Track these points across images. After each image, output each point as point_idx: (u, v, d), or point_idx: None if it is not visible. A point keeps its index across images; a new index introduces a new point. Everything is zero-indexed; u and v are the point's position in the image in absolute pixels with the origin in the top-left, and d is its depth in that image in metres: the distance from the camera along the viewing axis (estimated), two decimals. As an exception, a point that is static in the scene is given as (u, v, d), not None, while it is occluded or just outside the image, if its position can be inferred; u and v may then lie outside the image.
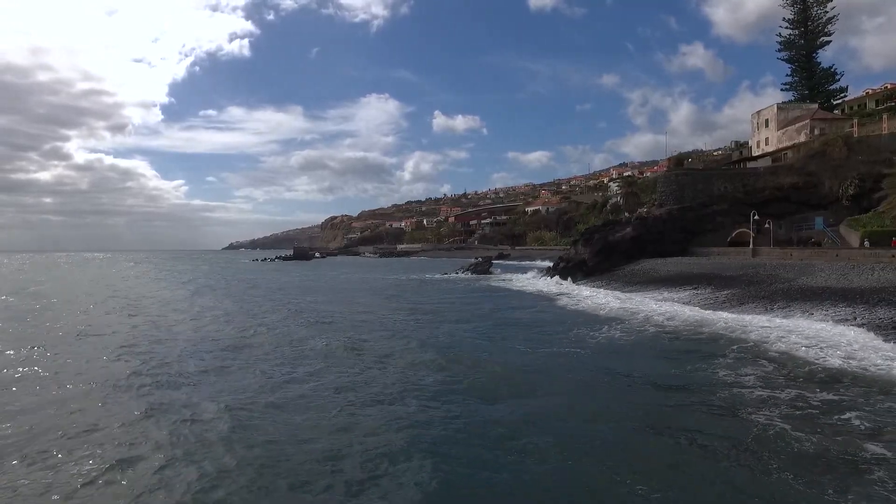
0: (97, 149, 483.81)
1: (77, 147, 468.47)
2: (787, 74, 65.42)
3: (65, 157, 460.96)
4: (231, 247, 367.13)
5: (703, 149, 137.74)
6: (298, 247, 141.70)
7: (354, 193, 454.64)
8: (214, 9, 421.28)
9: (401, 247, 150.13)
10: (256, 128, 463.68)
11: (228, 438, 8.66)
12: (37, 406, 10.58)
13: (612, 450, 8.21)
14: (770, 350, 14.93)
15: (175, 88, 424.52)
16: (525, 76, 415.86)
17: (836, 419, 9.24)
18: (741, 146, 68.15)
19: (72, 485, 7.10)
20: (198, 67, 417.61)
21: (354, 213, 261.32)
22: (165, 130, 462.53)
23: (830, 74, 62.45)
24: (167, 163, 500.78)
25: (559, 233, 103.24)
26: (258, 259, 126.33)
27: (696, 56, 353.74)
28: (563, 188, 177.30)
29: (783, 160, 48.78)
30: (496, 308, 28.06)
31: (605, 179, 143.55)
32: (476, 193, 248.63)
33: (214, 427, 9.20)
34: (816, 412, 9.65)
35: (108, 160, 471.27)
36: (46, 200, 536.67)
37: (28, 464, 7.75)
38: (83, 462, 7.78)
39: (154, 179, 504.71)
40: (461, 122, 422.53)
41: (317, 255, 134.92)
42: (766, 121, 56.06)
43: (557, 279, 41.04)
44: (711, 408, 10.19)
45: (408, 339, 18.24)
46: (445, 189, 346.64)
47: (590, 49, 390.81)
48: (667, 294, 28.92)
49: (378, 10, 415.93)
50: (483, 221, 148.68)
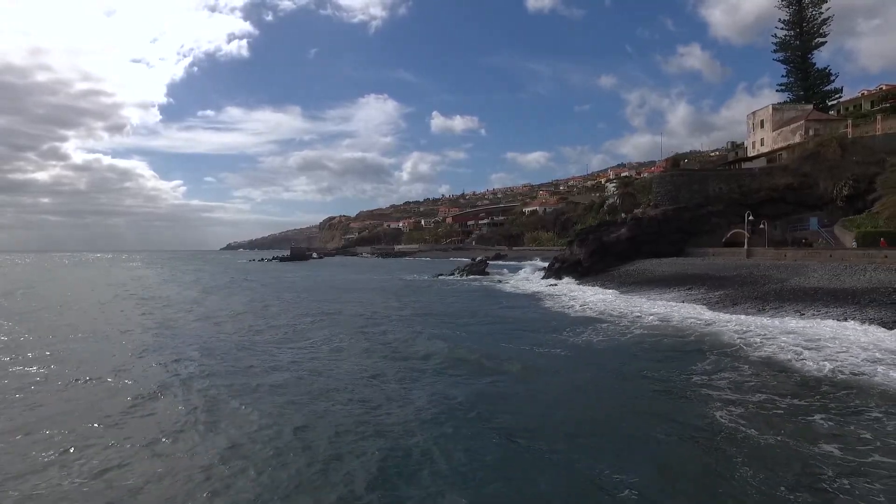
0: (95, 149, 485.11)
1: (75, 147, 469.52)
2: (783, 75, 65.74)
3: (63, 158, 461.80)
4: (229, 247, 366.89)
5: (701, 150, 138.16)
6: (295, 247, 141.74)
7: (353, 194, 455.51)
8: (213, 9, 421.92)
9: (398, 247, 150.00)
10: (255, 128, 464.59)
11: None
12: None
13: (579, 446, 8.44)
14: (753, 353, 14.78)
15: (174, 89, 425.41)
16: (524, 77, 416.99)
17: (802, 419, 9.41)
18: (737, 147, 68.21)
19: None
20: (196, 68, 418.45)
21: (353, 214, 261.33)
22: (164, 131, 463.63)
23: (825, 75, 62.67)
24: (166, 163, 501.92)
25: (556, 233, 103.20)
26: (254, 259, 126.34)
27: (694, 57, 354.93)
28: (562, 189, 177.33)
29: (778, 161, 48.84)
30: (483, 309, 27.91)
31: (603, 180, 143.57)
32: (474, 194, 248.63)
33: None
34: (783, 412, 9.78)
35: (107, 160, 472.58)
36: (44, 200, 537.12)
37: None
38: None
39: (152, 180, 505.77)
40: (459, 123, 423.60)
41: (314, 256, 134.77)
42: (762, 121, 56.13)
43: (552, 280, 41.01)
44: (682, 406, 10.39)
45: (369, 342, 18.09)
46: (444, 189, 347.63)
47: (588, 50, 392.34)
48: (660, 295, 28.89)
49: (376, 11, 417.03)
50: (481, 222, 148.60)
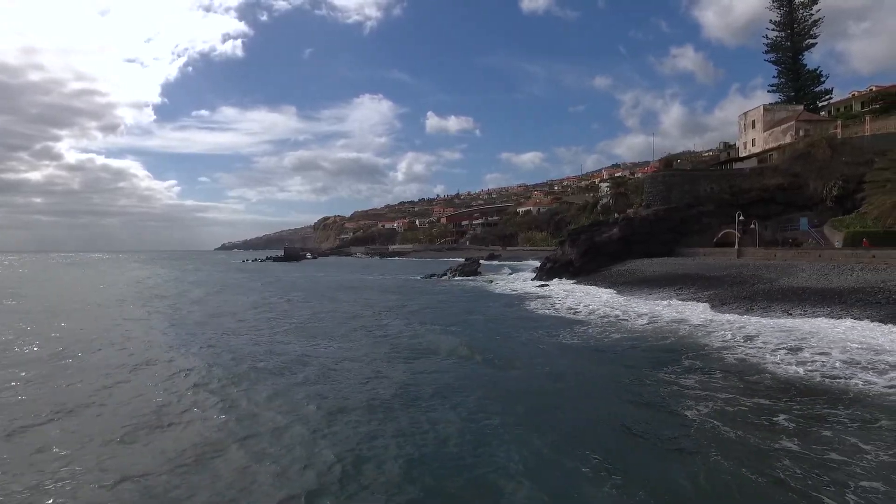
0: (89, 149, 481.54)
1: (68, 147, 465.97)
2: (774, 76, 66.18)
3: (56, 157, 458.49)
4: (224, 247, 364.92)
5: (695, 150, 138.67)
6: (289, 247, 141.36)
7: (348, 194, 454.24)
8: (207, 9, 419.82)
9: (392, 247, 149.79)
10: (250, 128, 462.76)
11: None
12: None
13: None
14: (730, 355, 14.56)
15: (168, 89, 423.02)
16: (518, 77, 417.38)
17: (765, 419, 9.49)
18: (729, 147, 68.48)
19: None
20: (191, 68, 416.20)
21: (347, 214, 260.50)
22: (158, 130, 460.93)
23: (816, 76, 63.10)
24: (160, 163, 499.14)
25: (550, 233, 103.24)
26: (247, 259, 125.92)
27: (687, 59, 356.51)
28: (556, 189, 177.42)
29: (769, 161, 49.04)
30: (464, 310, 27.68)
31: (597, 180, 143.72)
32: (469, 194, 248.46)
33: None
34: (749, 412, 9.84)
35: (100, 160, 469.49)
36: (37, 200, 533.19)
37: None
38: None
39: (146, 180, 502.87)
40: (454, 123, 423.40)
41: (308, 256, 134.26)
42: (753, 122, 56.37)
43: (543, 280, 40.95)
44: (655, 405, 10.48)
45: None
46: (439, 190, 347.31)
47: (582, 51, 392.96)
48: (650, 295, 28.93)
49: (371, 12, 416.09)
50: (475, 222, 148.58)
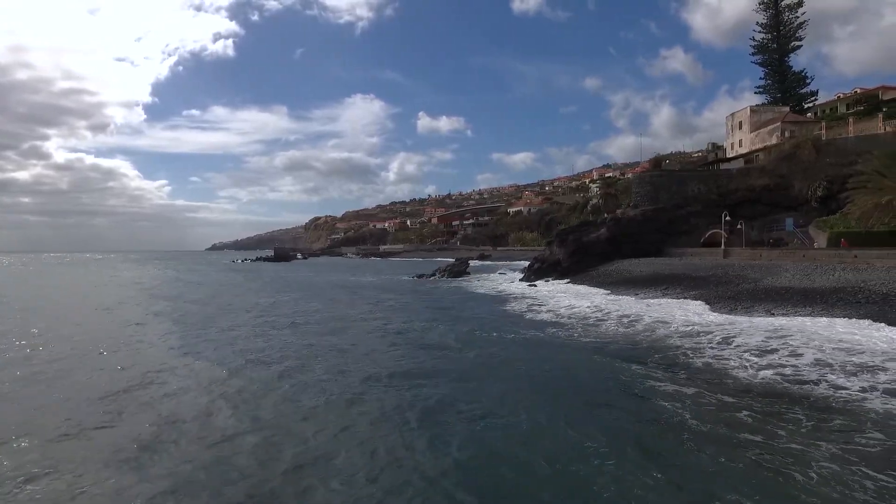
0: (78, 148, 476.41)
1: (57, 146, 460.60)
2: (761, 78, 66.94)
3: (44, 157, 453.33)
4: (214, 247, 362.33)
5: (684, 151, 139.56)
6: (279, 247, 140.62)
7: (339, 194, 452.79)
8: (198, 9, 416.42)
9: (383, 247, 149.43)
10: (241, 128, 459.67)
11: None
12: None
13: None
14: (704, 356, 14.31)
15: (158, 88, 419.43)
16: (509, 78, 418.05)
17: (728, 417, 9.57)
18: (717, 148, 69.08)
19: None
20: (181, 67, 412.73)
21: (339, 214, 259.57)
22: (148, 130, 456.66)
23: (801, 78, 63.89)
24: (150, 163, 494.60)
25: (541, 233, 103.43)
26: (237, 260, 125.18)
27: (677, 60, 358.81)
28: (547, 189, 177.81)
29: (756, 162, 49.45)
30: (440, 308, 27.74)
31: (588, 181, 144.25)
32: (461, 194, 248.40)
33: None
34: (713, 412, 9.89)
35: (89, 160, 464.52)
36: (24, 200, 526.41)
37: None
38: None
39: (136, 179, 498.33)
40: (446, 124, 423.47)
41: (298, 256, 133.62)
42: (740, 123, 56.85)
43: (531, 280, 40.99)
44: (608, 404, 10.56)
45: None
46: (430, 190, 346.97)
47: (573, 52, 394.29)
48: (636, 295, 29.02)
49: (363, 12, 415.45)
50: (466, 222, 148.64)
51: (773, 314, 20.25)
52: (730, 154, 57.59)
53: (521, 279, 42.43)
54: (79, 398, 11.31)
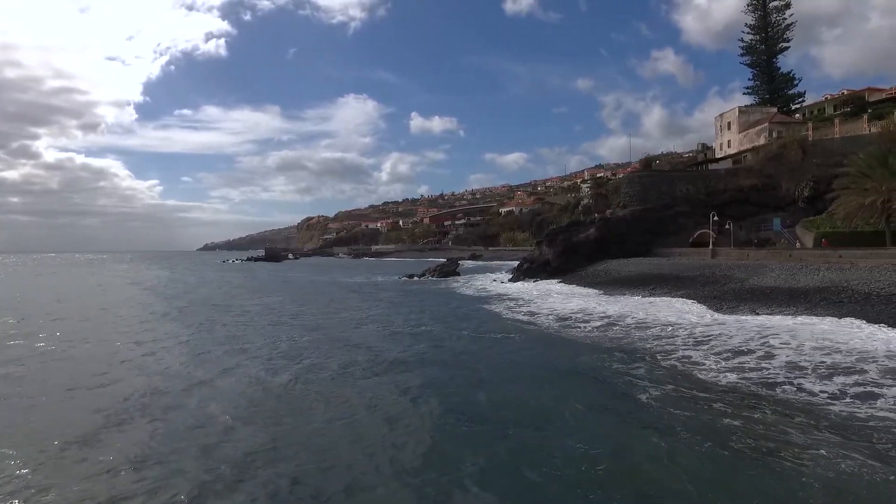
0: (68, 147, 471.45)
1: (47, 146, 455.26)
2: (749, 79, 67.44)
3: (34, 156, 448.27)
4: (206, 247, 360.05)
5: (675, 151, 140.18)
6: (269, 248, 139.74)
7: (332, 194, 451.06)
8: (190, 8, 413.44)
9: (375, 248, 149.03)
10: (233, 127, 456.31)
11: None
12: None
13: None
14: (665, 360, 14.07)
15: (150, 87, 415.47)
16: (502, 79, 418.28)
17: (690, 415, 9.58)
18: (707, 148, 69.45)
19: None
20: (173, 66, 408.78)
21: (331, 214, 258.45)
22: (139, 129, 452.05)
23: (789, 79, 64.48)
24: (141, 162, 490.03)
25: (532, 234, 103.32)
26: (228, 260, 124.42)
27: (668, 62, 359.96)
28: (539, 189, 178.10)
29: (744, 162, 49.72)
30: (419, 309, 27.55)
31: (579, 181, 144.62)
32: (453, 194, 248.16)
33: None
34: (678, 409, 9.96)
35: (80, 159, 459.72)
36: (14, 200, 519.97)
37: None
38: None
39: (127, 179, 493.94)
40: (438, 124, 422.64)
41: (289, 257, 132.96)
42: (729, 123, 57.16)
43: (520, 280, 40.94)
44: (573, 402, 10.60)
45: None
46: (423, 190, 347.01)
47: (565, 53, 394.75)
48: (622, 294, 29.03)
49: (355, 13, 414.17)
50: (458, 222, 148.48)
51: (758, 313, 20.32)
52: (719, 154, 57.89)
53: (510, 279, 42.34)
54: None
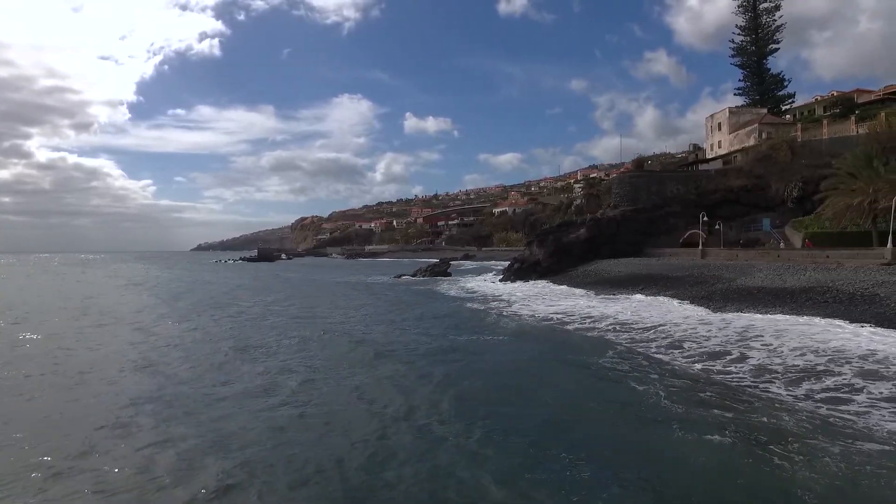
0: (60, 147, 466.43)
1: (39, 145, 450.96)
2: (740, 80, 67.84)
3: (26, 156, 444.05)
4: (200, 248, 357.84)
5: (668, 151, 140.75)
6: (262, 248, 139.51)
7: (326, 195, 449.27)
8: (184, 8, 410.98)
9: (368, 248, 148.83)
10: (227, 127, 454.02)
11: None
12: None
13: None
14: (646, 357, 14.14)
15: (143, 87, 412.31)
16: (496, 79, 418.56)
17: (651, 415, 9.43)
18: (698, 149, 69.69)
19: None
20: (167, 66, 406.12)
21: (325, 215, 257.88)
22: (132, 129, 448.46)
23: (779, 80, 64.87)
24: (134, 162, 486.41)
25: (525, 234, 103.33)
26: (220, 260, 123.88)
27: (660, 63, 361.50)
28: (533, 190, 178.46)
29: (734, 163, 49.92)
30: (397, 308, 27.60)
31: (573, 181, 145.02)
32: (447, 195, 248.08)
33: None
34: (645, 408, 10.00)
35: (72, 159, 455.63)
36: (5, 200, 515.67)
37: None
38: None
39: (120, 179, 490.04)
40: (433, 124, 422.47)
41: (283, 257, 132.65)
42: (719, 124, 57.39)
43: (510, 280, 40.91)
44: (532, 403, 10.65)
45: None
46: (417, 190, 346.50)
47: (559, 54, 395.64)
48: (611, 294, 29.06)
49: (349, 13, 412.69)
50: (451, 223, 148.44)
51: (743, 313, 20.41)
52: (709, 155, 58.12)
53: (502, 279, 42.33)
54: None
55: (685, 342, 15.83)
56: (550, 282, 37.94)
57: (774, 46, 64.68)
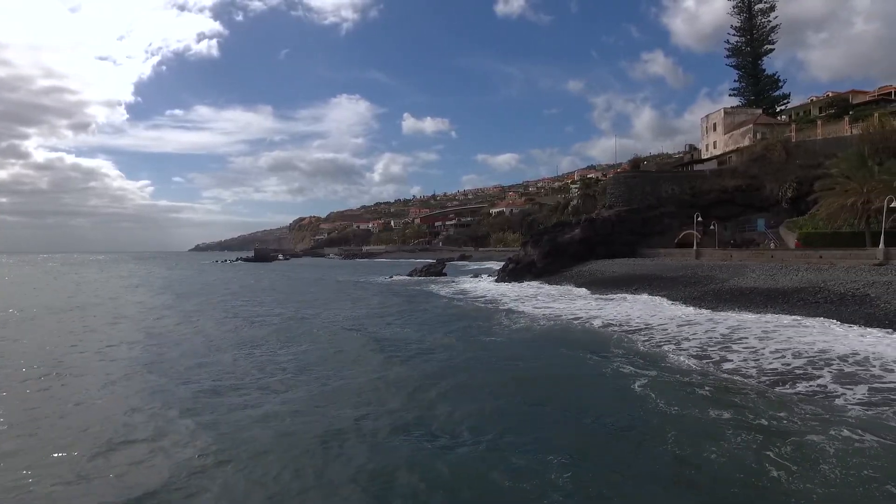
0: (58, 147, 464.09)
1: (36, 145, 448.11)
2: (735, 80, 67.89)
3: (23, 156, 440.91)
4: (198, 248, 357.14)
5: (665, 152, 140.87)
6: (259, 248, 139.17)
7: (324, 195, 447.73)
8: (182, 8, 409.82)
9: (366, 248, 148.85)
10: (225, 127, 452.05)
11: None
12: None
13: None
14: (631, 356, 14.10)
15: (141, 87, 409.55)
16: (493, 80, 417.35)
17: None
18: (694, 149, 69.77)
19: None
20: (165, 67, 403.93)
21: (323, 215, 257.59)
22: (130, 129, 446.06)
23: (774, 81, 64.96)
24: (132, 162, 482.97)
25: (523, 234, 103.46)
26: (217, 261, 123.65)
27: (657, 64, 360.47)
28: (531, 190, 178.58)
29: (728, 163, 49.94)
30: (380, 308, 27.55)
31: (570, 182, 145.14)
32: (445, 195, 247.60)
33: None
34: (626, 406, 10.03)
35: (70, 159, 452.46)
36: (2, 200, 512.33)
37: None
38: None
39: (118, 179, 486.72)
40: (430, 125, 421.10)
41: (280, 257, 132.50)
42: (714, 125, 57.45)
43: (504, 281, 40.83)
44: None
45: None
46: (415, 191, 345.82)
47: (556, 55, 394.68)
48: (604, 295, 28.99)
49: (347, 14, 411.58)
50: (448, 223, 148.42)
51: (732, 312, 20.45)
52: (705, 155, 58.17)
53: (495, 280, 42.25)
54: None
55: (665, 344, 15.49)
56: (545, 282, 37.87)
57: (769, 47, 64.89)
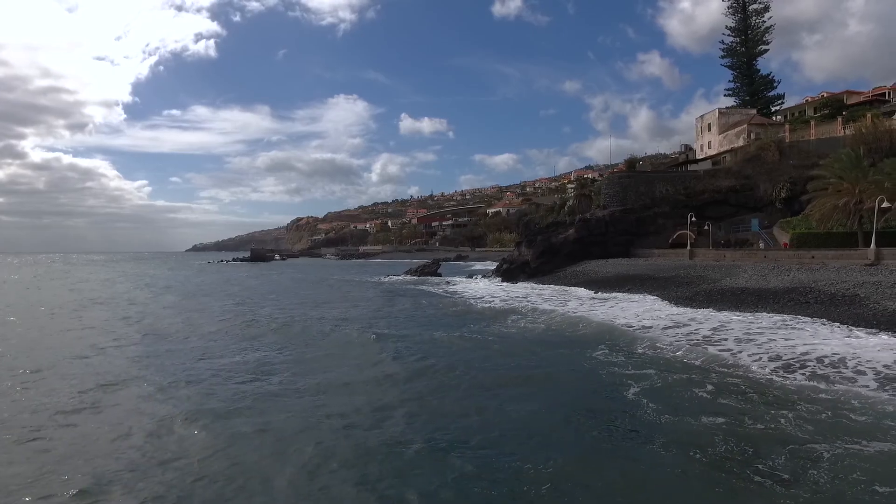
0: (55, 147, 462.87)
1: (33, 145, 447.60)
2: (730, 80, 67.88)
3: (20, 156, 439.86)
4: (195, 248, 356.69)
5: (661, 152, 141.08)
6: (255, 249, 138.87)
7: (322, 195, 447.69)
8: (179, 9, 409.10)
9: (363, 248, 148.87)
10: (222, 128, 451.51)
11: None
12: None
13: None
14: (617, 355, 14.13)
15: (139, 87, 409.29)
16: (490, 81, 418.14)
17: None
18: (689, 150, 69.81)
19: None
20: (162, 67, 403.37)
21: (321, 215, 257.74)
22: (128, 129, 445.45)
23: (769, 81, 64.96)
24: (130, 163, 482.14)
25: (519, 234, 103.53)
26: (212, 261, 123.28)
27: (654, 64, 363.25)
28: (528, 190, 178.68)
29: (722, 163, 49.97)
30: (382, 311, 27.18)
31: (567, 182, 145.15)
32: (443, 195, 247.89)
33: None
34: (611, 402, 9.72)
35: (67, 159, 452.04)
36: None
37: None
38: None
39: (116, 179, 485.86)
40: (428, 125, 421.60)
41: (276, 257, 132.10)
42: (709, 125, 57.53)
43: (498, 281, 40.83)
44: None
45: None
46: (413, 191, 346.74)
47: (553, 56, 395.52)
48: (598, 295, 28.99)
49: (345, 14, 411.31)
50: (445, 223, 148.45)
51: (721, 312, 20.46)
52: (700, 155, 58.24)
53: (489, 280, 42.22)
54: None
55: (656, 343, 15.37)
56: (538, 283, 37.85)
57: (764, 48, 64.89)
